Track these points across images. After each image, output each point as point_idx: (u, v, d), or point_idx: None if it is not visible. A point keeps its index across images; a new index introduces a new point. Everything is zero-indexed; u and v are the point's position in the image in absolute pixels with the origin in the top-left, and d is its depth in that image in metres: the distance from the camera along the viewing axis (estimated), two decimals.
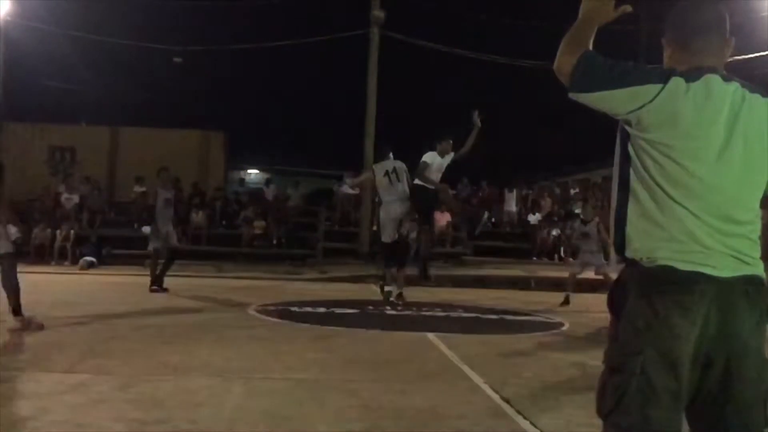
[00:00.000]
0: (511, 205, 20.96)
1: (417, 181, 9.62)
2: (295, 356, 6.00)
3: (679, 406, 1.89)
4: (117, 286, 11.94)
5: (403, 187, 9.67)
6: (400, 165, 9.78)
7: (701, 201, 1.92)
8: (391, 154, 10.05)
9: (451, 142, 9.93)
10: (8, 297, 6.73)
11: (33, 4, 19.49)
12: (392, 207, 9.69)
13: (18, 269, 6.97)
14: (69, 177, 19.79)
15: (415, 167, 9.69)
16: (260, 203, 20.26)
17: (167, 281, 10.88)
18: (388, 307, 9.56)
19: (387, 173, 9.72)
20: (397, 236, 9.75)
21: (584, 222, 10.49)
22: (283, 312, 8.94)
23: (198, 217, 18.42)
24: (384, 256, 9.95)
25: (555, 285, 13.04)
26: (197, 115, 24.71)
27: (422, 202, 9.78)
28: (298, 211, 20.92)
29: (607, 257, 9.52)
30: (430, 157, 9.61)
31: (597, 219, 10.24)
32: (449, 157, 9.83)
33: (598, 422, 1.97)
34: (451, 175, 10.70)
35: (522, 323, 8.96)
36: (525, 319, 9.38)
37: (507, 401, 4.56)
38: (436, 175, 9.69)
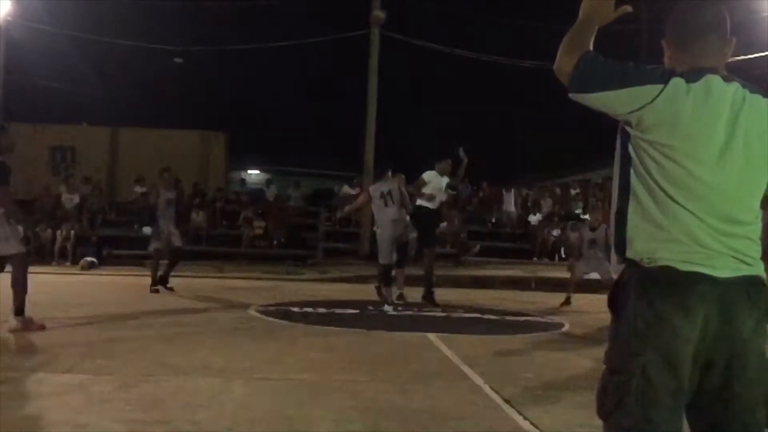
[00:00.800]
0: (510, 205, 20.97)
1: (419, 202, 9.58)
2: (296, 357, 6.00)
3: (679, 406, 1.89)
4: (117, 286, 11.94)
5: (398, 208, 9.65)
6: (396, 188, 9.76)
7: (702, 202, 1.92)
8: (390, 172, 10.04)
9: (450, 162, 9.96)
10: (14, 296, 6.72)
11: (33, 4, 19.51)
12: (387, 229, 9.66)
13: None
14: (69, 177, 19.78)
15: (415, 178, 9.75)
16: (261, 203, 20.27)
17: (170, 281, 10.90)
18: (389, 308, 9.55)
19: (382, 195, 9.70)
20: (395, 258, 9.73)
21: (592, 228, 10.41)
22: (284, 312, 8.94)
23: (198, 217, 18.42)
24: (384, 277, 9.92)
25: (555, 285, 13.03)
26: (197, 115, 24.74)
27: (424, 222, 9.74)
28: (299, 212, 20.93)
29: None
30: (428, 175, 9.61)
31: (605, 225, 10.17)
32: (446, 179, 9.85)
33: (599, 423, 1.97)
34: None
35: (522, 323, 8.96)
36: (525, 319, 9.38)
37: (507, 401, 4.56)
38: (438, 195, 9.65)
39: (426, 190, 9.47)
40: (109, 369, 5.21)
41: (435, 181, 9.62)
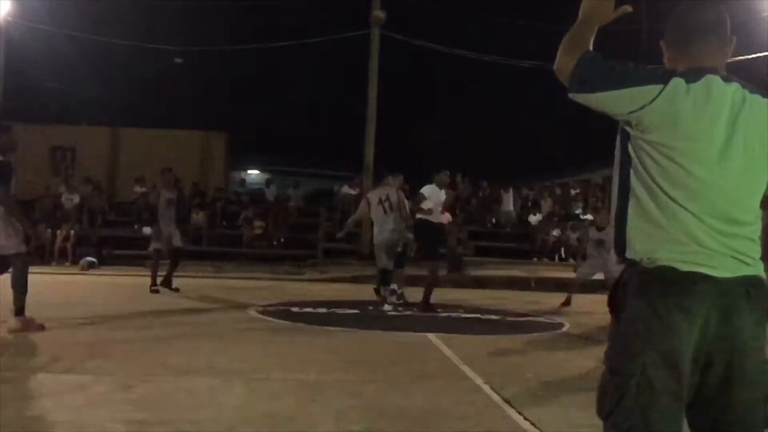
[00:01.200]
0: (509, 205, 20.97)
1: (419, 216, 9.53)
2: (296, 357, 6.00)
3: (679, 407, 1.89)
4: (117, 286, 11.95)
5: (397, 215, 9.60)
6: (394, 194, 9.71)
7: (702, 202, 1.92)
8: (389, 177, 9.98)
9: (449, 172, 9.91)
10: (14, 296, 6.71)
11: (33, 4, 19.50)
12: (385, 235, 9.61)
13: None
14: (69, 177, 19.80)
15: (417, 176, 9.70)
16: (261, 203, 20.28)
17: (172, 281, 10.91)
18: (389, 308, 9.55)
19: (381, 201, 9.66)
20: (392, 264, 9.69)
21: (599, 228, 10.37)
22: (284, 312, 8.94)
23: (198, 217, 18.43)
24: (382, 278, 9.89)
25: (555, 286, 13.05)
26: (197, 115, 24.75)
27: (425, 236, 9.71)
28: (299, 212, 20.93)
29: None
30: (428, 190, 9.53)
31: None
32: (444, 191, 9.83)
33: (599, 423, 1.97)
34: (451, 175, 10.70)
35: (522, 323, 8.96)
36: (525, 319, 9.39)
37: (508, 402, 4.56)
38: (437, 209, 9.61)
39: (425, 206, 9.42)
40: (110, 369, 5.21)
41: (434, 195, 9.55)
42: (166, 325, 7.62)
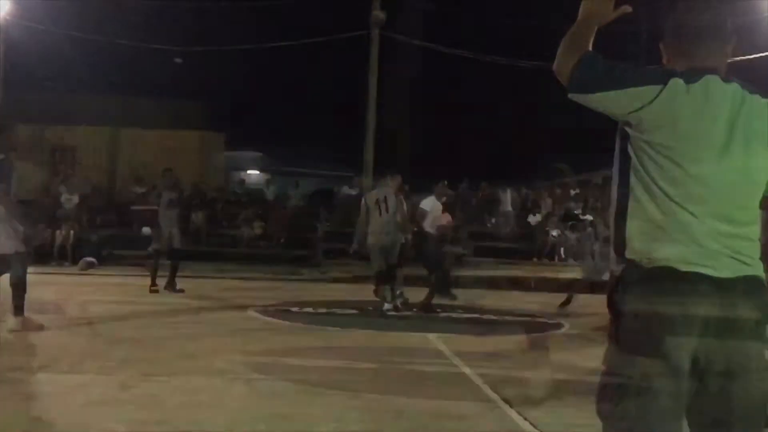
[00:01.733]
0: (507, 205, 20.96)
1: (418, 229, 9.47)
2: (296, 357, 6.01)
3: (679, 407, 1.89)
4: (117, 286, 11.94)
5: (392, 218, 9.55)
6: (392, 196, 9.68)
7: (701, 202, 1.92)
8: (388, 178, 9.93)
9: (446, 182, 9.89)
10: (13, 296, 6.70)
11: (33, 4, 19.50)
12: (380, 237, 9.50)
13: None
14: (69, 177, 19.79)
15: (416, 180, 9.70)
16: (260, 204, 20.28)
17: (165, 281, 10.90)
18: (389, 307, 9.54)
19: (378, 203, 9.59)
20: (386, 266, 9.64)
21: (608, 226, 10.35)
22: (284, 313, 8.94)
23: (198, 217, 18.42)
24: (379, 278, 9.85)
25: (555, 286, 13.04)
26: (197, 115, 24.72)
27: (427, 250, 9.65)
28: (299, 212, 20.93)
29: None
30: (428, 204, 9.44)
31: None
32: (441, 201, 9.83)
33: (599, 423, 1.97)
34: (451, 175, 10.68)
35: (522, 324, 8.96)
36: (525, 319, 9.38)
37: (507, 401, 4.56)
38: (435, 223, 9.54)
39: (427, 224, 9.36)
40: (109, 369, 5.21)
41: (435, 209, 9.50)
42: (166, 325, 7.62)
